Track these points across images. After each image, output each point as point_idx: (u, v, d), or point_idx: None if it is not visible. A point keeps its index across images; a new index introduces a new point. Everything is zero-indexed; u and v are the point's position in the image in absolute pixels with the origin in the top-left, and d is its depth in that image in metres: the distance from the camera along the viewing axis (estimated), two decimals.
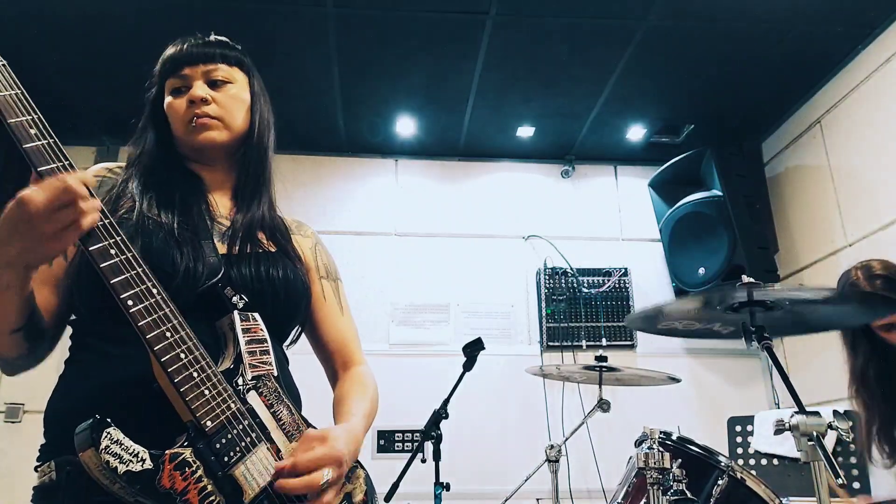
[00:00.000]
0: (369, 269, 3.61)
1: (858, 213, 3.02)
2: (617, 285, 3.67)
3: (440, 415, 2.33)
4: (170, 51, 1.20)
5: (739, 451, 2.56)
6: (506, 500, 2.43)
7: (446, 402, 2.36)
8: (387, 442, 3.28)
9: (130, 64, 2.98)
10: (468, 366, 2.42)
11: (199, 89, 1.15)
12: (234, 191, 1.23)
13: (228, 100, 1.18)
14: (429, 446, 2.32)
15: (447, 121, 3.58)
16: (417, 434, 2.88)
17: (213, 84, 1.18)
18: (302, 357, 1.28)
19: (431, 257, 3.69)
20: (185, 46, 1.19)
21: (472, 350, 2.43)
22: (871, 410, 1.98)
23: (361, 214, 3.74)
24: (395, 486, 2.22)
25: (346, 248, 3.59)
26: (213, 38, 1.23)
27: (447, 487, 2.29)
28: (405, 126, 3.61)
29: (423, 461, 2.31)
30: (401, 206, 3.79)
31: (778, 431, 1.27)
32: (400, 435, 3.29)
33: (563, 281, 3.65)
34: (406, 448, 3.25)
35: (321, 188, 3.76)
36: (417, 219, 3.77)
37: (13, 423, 3.15)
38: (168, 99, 1.18)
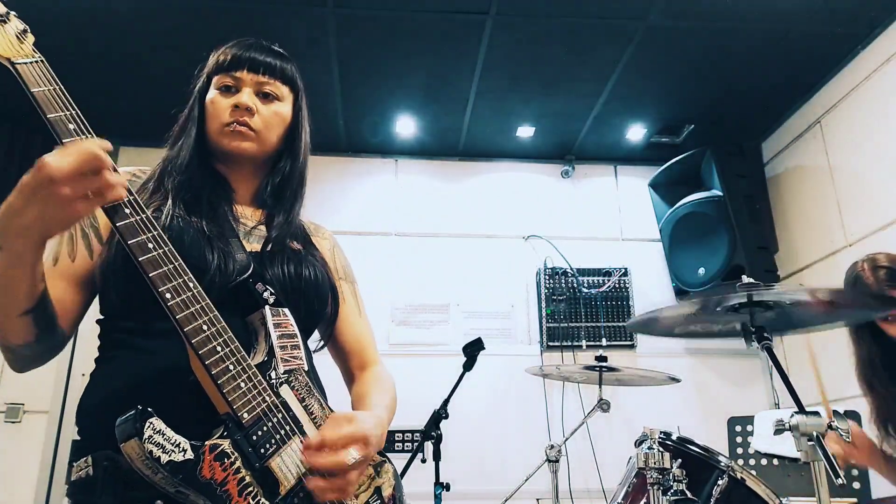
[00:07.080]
0: (369, 269, 3.60)
1: (858, 213, 3.02)
2: (617, 285, 3.67)
3: (440, 415, 2.33)
4: (228, 52, 1.18)
5: (739, 451, 2.56)
6: (506, 500, 2.42)
7: (446, 402, 2.36)
8: (387, 442, 3.26)
9: (130, 63, 3.00)
10: (468, 366, 2.42)
11: (248, 97, 1.14)
12: (256, 194, 1.23)
13: (272, 115, 1.17)
14: (429, 446, 2.32)
15: (447, 121, 3.58)
16: (417, 434, 2.88)
17: (262, 95, 1.17)
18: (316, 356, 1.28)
19: (431, 257, 3.69)
20: (246, 51, 1.17)
21: (472, 350, 2.43)
22: (878, 400, 1.99)
23: (361, 214, 3.74)
24: None
25: (345, 248, 3.55)
26: (275, 47, 1.22)
27: (447, 487, 2.29)
28: (405, 126, 3.61)
29: (423, 461, 2.31)
30: (401, 206, 3.79)
31: (778, 431, 1.27)
32: (400, 435, 3.28)
33: (563, 281, 3.64)
34: (406, 448, 3.24)
35: (321, 188, 3.75)
36: (417, 219, 3.77)
37: (13, 423, 3.15)
38: (213, 94, 1.16)
